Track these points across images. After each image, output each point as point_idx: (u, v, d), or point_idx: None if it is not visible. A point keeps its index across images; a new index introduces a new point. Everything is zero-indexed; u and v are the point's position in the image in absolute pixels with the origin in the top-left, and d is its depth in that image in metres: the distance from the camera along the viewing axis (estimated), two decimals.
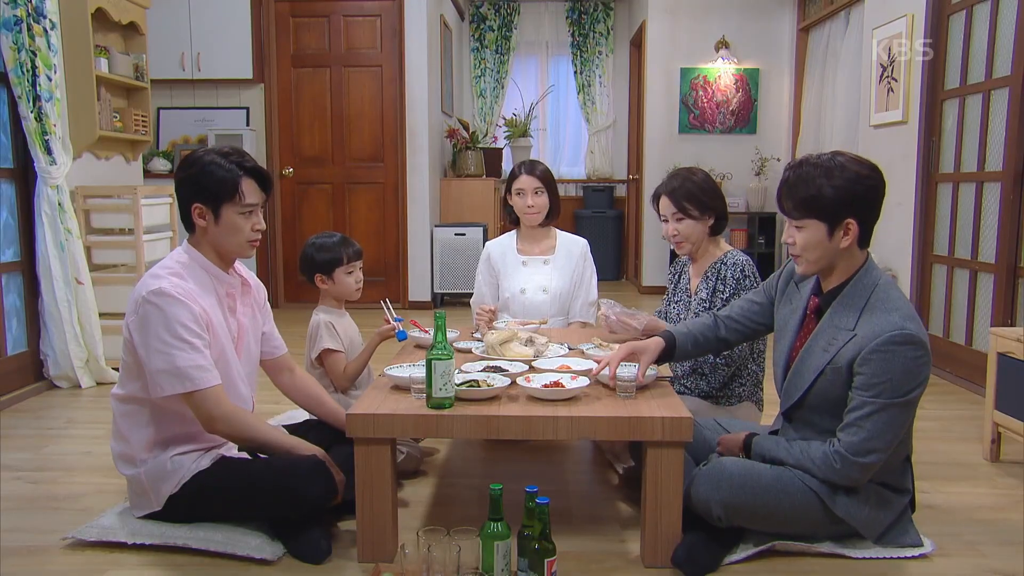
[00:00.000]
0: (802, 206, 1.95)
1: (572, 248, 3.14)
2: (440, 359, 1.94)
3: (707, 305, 2.58)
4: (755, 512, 1.99)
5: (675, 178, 2.63)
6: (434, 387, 1.96)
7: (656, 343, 2.24)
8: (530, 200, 3.03)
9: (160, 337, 1.99)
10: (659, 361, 2.26)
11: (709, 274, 2.61)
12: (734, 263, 2.57)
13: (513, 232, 3.21)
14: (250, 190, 2.13)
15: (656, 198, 2.66)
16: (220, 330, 2.13)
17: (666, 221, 2.63)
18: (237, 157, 2.12)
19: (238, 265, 2.28)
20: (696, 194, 2.57)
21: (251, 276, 2.35)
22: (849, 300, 1.99)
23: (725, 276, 2.57)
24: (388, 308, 2.72)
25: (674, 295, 2.79)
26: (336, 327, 2.68)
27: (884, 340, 1.87)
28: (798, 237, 1.99)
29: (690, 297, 2.69)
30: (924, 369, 1.91)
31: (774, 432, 2.19)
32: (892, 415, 1.89)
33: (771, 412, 2.49)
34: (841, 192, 1.91)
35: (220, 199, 2.09)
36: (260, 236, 2.19)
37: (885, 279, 2.00)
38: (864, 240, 1.99)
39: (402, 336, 2.65)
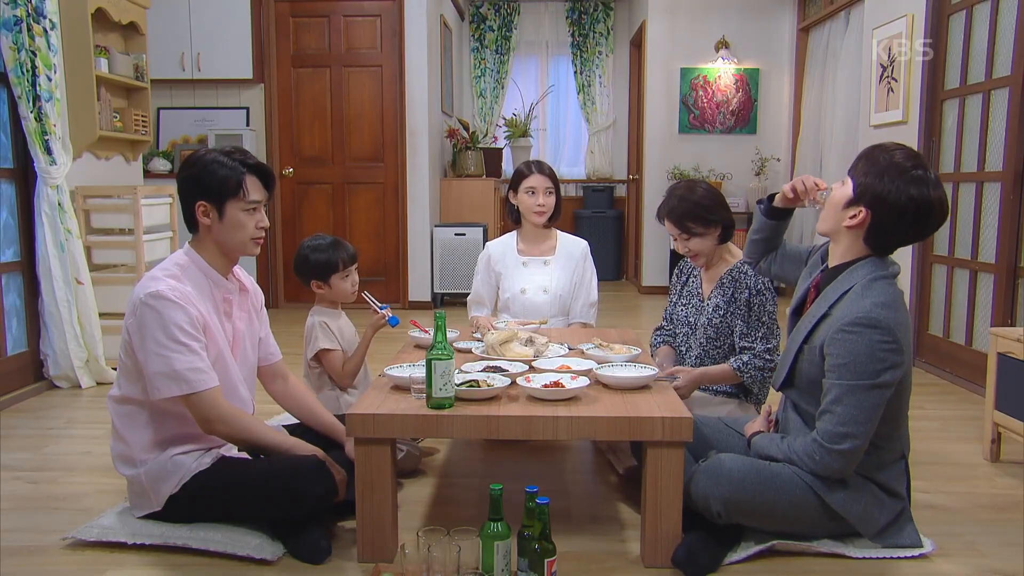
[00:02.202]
0: (856, 164, 1.97)
1: (573, 249, 3.14)
2: (440, 359, 1.94)
3: (723, 312, 2.59)
4: (754, 508, 1.99)
5: (673, 198, 2.62)
6: (434, 387, 1.96)
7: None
8: (541, 199, 3.03)
9: (157, 340, 1.99)
10: (774, 213, 2.28)
11: (724, 281, 2.62)
12: (752, 273, 2.58)
13: (513, 232, 3.21)
14: (253, 187, 2.13)
15: (660, 219, 2.68)
16: (216, 334, 2.13)
17: (675, 239, 2.66)
18: (240, 155, 2.13)
19: (237, 269, 2.28)
20: (696, 212, 2.57)
21: (249, 281, 2.35)
22: (840, 283, 2.00)
23: (745, 284, 2.56)
24: (372, 300, 2.72)
25: (681, 296, 2.80)
26: (331, 327, 2.68)
27: (848, 321, 1.89)
28: (836, 190, 2.00)
29: (702, 301, 2.70)
30: (893, 356, 1.88)
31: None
32: (860, 398, 1.88)
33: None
34: (880, 185, 1.90)
35: (224, 196, 2.10)
36: (264, 233, 2.19)
37: (886, 273, 1.97)
38: (874, 240, 1.96)
39: (394, 322, 2.65)
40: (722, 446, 2.27)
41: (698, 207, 2.58)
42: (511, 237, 3.20)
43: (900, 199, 1.89)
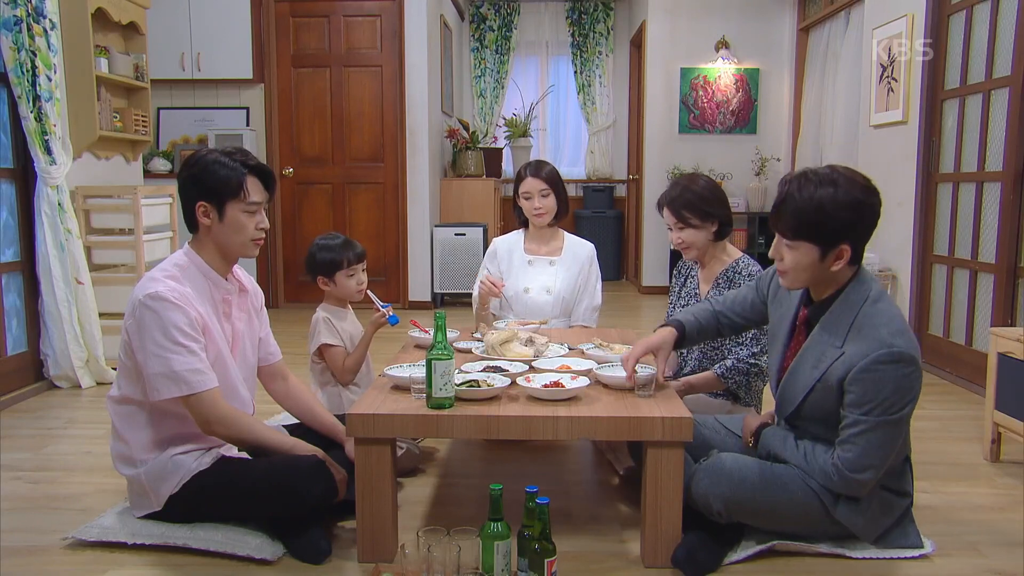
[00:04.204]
0: (799, 231, 1.90)
1: (579, 251, 3.13)
2: (440, 359, 1.94)
3: None
4: (755, 508, 1.99)
5: (675, 187, 2.64)
6: (434, 387, 1.96)
7: (669, 334, 2.26)
8: (537, 203, 3.03)
9: (156, 341, 1.99)
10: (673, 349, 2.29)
11: (720, 280, 2.62)
12: (749, 274, 2.58)
13: (520, 231, 3.21)
14: (254, 188, 2.13)
15: (660, 207, 2.68)
16: (216, 335, 2.13)
17: (671, 229, 2.66)
18: (241, 156, 2.13)
19: (236, 269, 2.28)
20: (695, 203, 2.58)
21: (249, 281, 2.35)
22: (838, 315, 1.96)
23: (739, 284, 2.57)
24: (375, 298, 2.74)
25: (680, 296, 2.80)
26: (335, 324, 2.71)
27: (872, 360, 1.85)
28: (788, 256, 1.95)
29: (699, 301, 2.70)
30: (916, 384, 1.90)
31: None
32: (885, 433, 1.89)
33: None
34: (841, 220, 1.87)
35: (224, 197, 2.10)
36: (264, 235, 2.19)
37: (875, 291, 1.96)
38: (859, 256, 1.96)
39: (393, 320, 2.66)
40: (720, 447, 2.26)
41: (698, 198, 2.58)
42: (518, 235, 3.20)
43: (860, 210, 1.88)
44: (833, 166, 1.95)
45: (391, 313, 2.67)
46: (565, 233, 3.20)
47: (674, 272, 2.91)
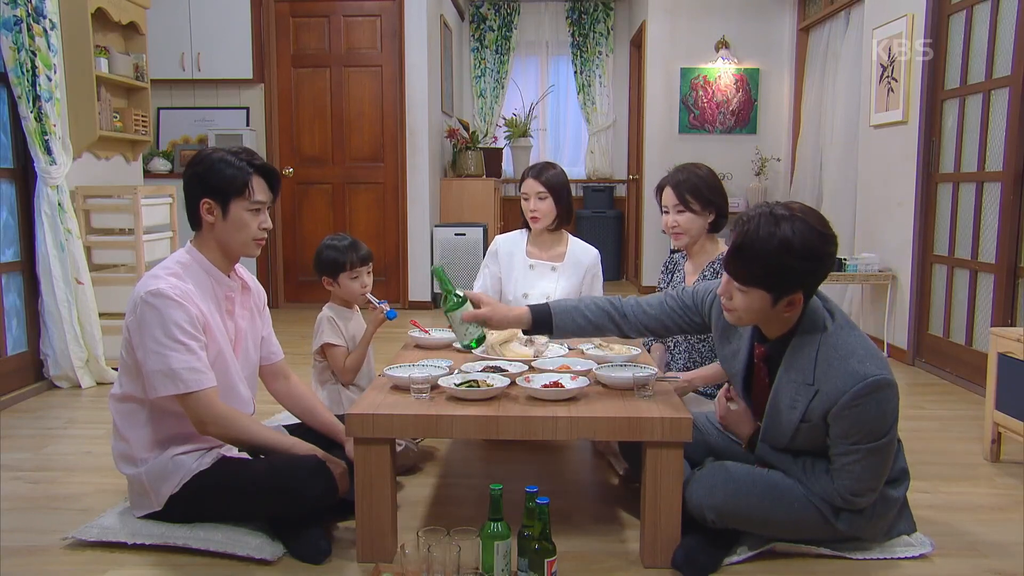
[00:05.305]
0: (753, 280, 1.84)
1: (582, 257, 3.08)
2: (453, 309, 2.12)
3: None
4: (751, 517, 1.99)
5: (680, 171, 2.64)
6: (459, 333, 2.16)
7: (519, 319, 2.14)
8: (532, 205, 2.99)
9: (155, 338, 1.99)
10: (530, 333, 2.20)
11: (707, 274, 2.61)
12: None
13: (524, 230, 3.16)
14: (259, 188, 2.14)
15: (659, 189, 2.67)
16: (218, 333, 2.13)
17: (667, 212, 2.65)
18: (247, 155, 2.14)
19: (239, 268, 2.28)
20: (700, 188, 2.59)
21: (252, 280, 2.35)
22: (799, 352, 1.92)
23: None
24: (371, 297, 2.76)
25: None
26: (339, 323, 2.72)
27: (853, 395, 1.83)
28: (738, 298, 1.89)
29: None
30: (897, 400, 1.90)
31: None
32: (878, 456, 1.90)
33: None
34: (797, 271, 1.82)
35: (229, 195, 2.10)
36: (266, 235, 2.19)
37: (838, 317, 1.93)
38: (810, 299, 1.91)
39: (391, 315, 2.69)
40: (711, 444, 2.25)
41: (703, 183, 2.59)
42: (522, 236, 3.15)
43: (816, 260, 1.82)
44: (791, 208, 1.85)
45: (388, 308, 2.69)
46: (571, 237, 3.13)
47: (661, 268, 2.90)
